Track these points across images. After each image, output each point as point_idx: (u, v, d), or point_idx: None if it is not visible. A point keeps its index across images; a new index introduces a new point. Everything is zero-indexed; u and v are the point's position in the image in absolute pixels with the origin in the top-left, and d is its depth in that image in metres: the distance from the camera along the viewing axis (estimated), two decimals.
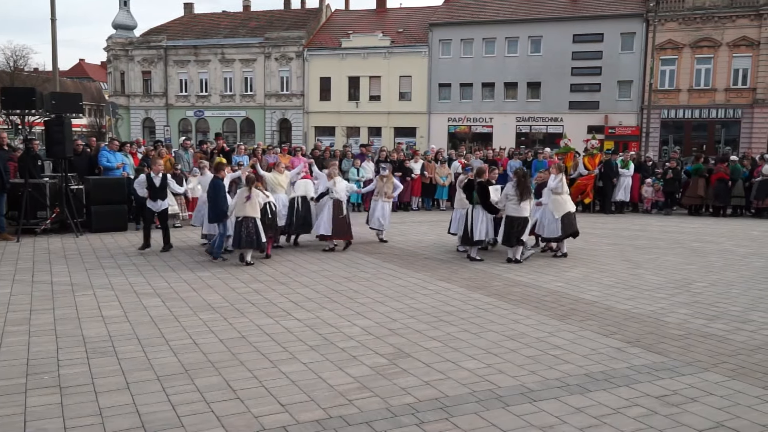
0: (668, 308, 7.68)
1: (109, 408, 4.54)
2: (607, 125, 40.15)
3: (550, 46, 41.32)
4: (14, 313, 7.01)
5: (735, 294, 8.49)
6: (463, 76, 43.41)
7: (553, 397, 4.89)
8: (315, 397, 4.82)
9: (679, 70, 39.20)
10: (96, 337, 6.20)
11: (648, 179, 19.05)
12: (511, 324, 6.90)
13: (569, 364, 5.64)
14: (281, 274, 9.21)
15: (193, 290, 8.22)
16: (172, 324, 6.69)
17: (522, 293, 8.37)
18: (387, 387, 5.05)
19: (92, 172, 14.20)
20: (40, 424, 4.29)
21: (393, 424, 4.38)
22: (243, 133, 49.99)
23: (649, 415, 4.60)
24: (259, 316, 7.04)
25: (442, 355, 5.85)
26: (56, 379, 5.07)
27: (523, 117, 42.56)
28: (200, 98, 50.99)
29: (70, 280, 8.74)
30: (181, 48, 50.83)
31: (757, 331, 6.74)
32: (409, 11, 50.59)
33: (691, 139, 39.46)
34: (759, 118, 37.64)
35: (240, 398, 4.76)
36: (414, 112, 44.91)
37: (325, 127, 47.59)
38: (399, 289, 8.50)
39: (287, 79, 48.65)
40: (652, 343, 6.28)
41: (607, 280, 9.32)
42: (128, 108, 52.19)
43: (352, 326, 6.73)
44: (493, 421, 4.45)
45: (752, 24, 37.48)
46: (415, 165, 18.77)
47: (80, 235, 12.53)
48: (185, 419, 4.39)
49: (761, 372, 5.51)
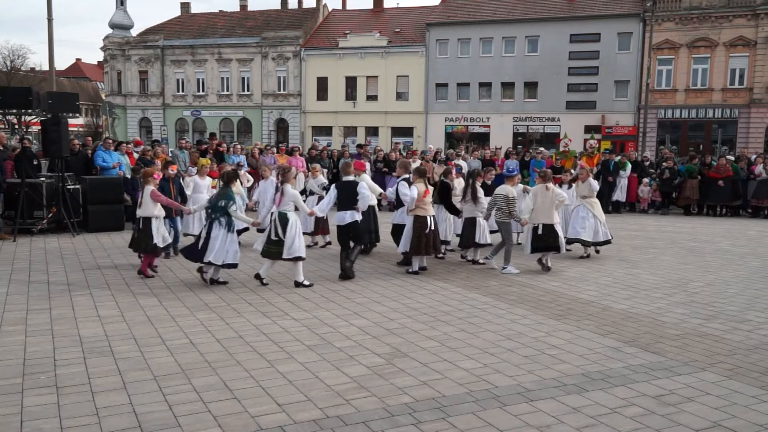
0: (665, 308, 7.70)
1: (105, 408, 4.53)
2: (604, 125, 40.21)
3: (547, 45, 41.36)
4: (11, 313, 6.99)
5: (732, 294, 8.50)
6: (460, 76, 43.44)
7: (550, 397, 4.90)
8: (312, 396, 4.81)
9: (675, 70, 39.28)
10: (93, 336, 6.19)
11: (645, 179, 19.10)
12: (508, 324, 6.91)
13: (566, 364, 5.65)
14: (278, 273, 9.20)
15: (190, 290, 8.21)
16: (169, 324, 6.68)
17: (519, 293, 8.38)
18: (384, 387, 5.05)
19: (89, 172, 14.17)
20: (37, 424, 4.28)
21: (390, 424, 4.38)
22: (240, 132, 49.98)
23: (645, 415, 4.60)
24: (256, 316, 7.03)
25: (439, 354, 5.85)
26: (53, 379, 5.06)
27: (520, 117, 42.62)
28: (197, 98, 50.94)
29: (67, 279, 8.73)
30: (178, 48, 50.77)
31: (754, 331, 6.76)
32: (406, 11, 50.62)
33: (688, 139, 39.56)
34: (755, 118, 37.73)
35: (237, 398, 4.76)
36: (411, 111, 44.94)
37: (322, 126, 47.62)
38: (396, 289, 8.50)
39: (284, 79, 48.64)
40: (649, 343, 6.29)
41: (604, 279, 9.33)
42: (125, 108, 52.17)
43: (349, 326, 6.73)
44: (490, 421, 4.45)
45: (749, 24, 37.56)
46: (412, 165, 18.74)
47: (77, 235, 12.52)
48: (182, 419, 4.38)
49: (758, 372, 5.52)
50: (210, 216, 8.47)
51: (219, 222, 8.36)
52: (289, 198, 8.48)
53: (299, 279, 8.57)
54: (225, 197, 8.47)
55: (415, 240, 9.41)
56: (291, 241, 8.39)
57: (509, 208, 9.78)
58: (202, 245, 8.32)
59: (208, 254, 8.25)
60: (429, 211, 9.53)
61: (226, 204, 8.39)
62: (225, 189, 8.68)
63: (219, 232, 8.32)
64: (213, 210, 8.45)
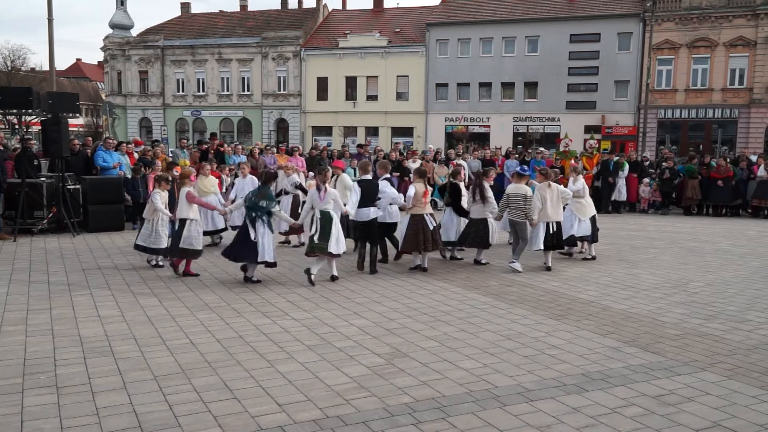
0: (665, 308, 7.70)
1: (105, 408, 4.54)
2: (604, 125, 40.22)
3: (547, 46, 41.38)
4: (11, 313, 6.99)
5: (732, 294, 8.50)
6: (460, 76, 43.46)
7: (550, 397, 4.90)
8: (312, 396, 4.82)
9: (675, 70, 39.29)
10: (93, 336, 6.19)
11: (645, 179, 19.10)
12: (508, 324, 6.91)
13: (566, 364, 5.65)
14: (278, 273, 9.20)
15: (190, 290, 8.22)
16: (169, 324, 6.68)
17: (519, 293, 8.38)
18: (384, 387, 5.05)
19: (89, 172, 14.17)
20: (37, 424, 4.28)
21: (390, 424, 4.38)
22: (240, 132, 50.01)
23: (645, 415, 4.60)
24: (256, 316, 7.04)
25: (439, 354, 5.85)
26: (53, 379, 5.06)
27: (520, 117, 42.63)
28: (197, 98, 50.97)
29: (67, 279, 8.73)
30: (178, 48, 50.79)
31: (754, 331, 6.76)
32: (406, 11, 50.63)
33: (688, 139, 39.56)
34: (755, 118, 37.74)
35: (237, 398, 4.76)
36: (411, 111, 44.95)
37: (322, 126, 47.64)
38: (396, 289, 8.50)
39: (284, 79, 48.66)
40: (649, 343, 6.30)
41: (604, 279, 9.33)
42: (125, 108, 52.18)
43: (349, 326, 6.73)
44: (490, 421, 4.46)
45: (749, 24, 37.57)
46: (412, 165, 18.76)
47: (77, 235, 12.52)
48: (182, 419, 4.38)
49: (758, 372, 5.52)
50: (251, 215, 8.65)
51: (263, 221, 8.62)
52: (330, 197, 8.80)
53: (335, 273, 9.01)
54: (267, 198, 8.71)
55: (410, 237, 9.53)
56: (336, 237, 8.75)
57: (527, 207, 9.72)
58: (249, 246, 8.51)
59: (261, 253, 8.53)
60: (426, 210, 9.65)
61: (268, 205, 8.65)
62: (265, 189, 8.85)
63: (264, 230, 8.60)
64: (254, 209, 8.64)
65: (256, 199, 8.66)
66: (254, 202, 8.65)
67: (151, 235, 9.37)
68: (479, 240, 10.15)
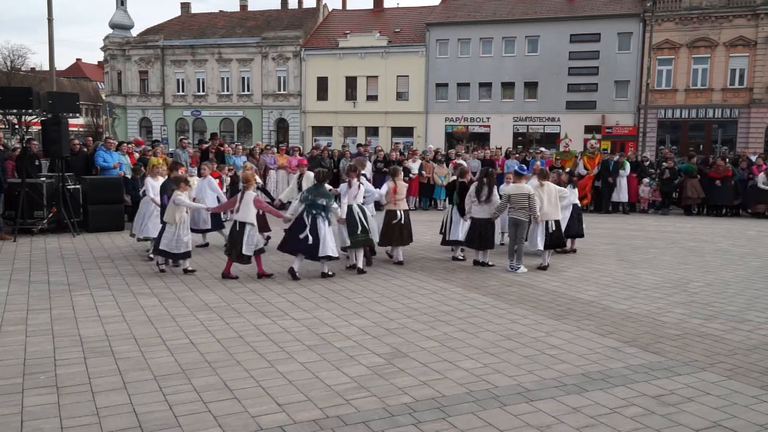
0: (665, 308, 7.70)
1: (105, 408, 4.54)
2: (604, 125, 40.23)
3: (547, 46, 41.39)
4: (11, 313, 6.99)
5: (732, 294, 8.50)
6: (460, 76, 43.47)
7: (550, 397, 4.90)
8: (312, 396, 4.82)
9: (676, 70, 39.30)
10: (93, 336, 6.19)
11: (645, 179, 19.10)
12: (508, 324, 6.91)
13: (566, 364, 5.65)
14: (279, 273, 9.20)
15: (190, 290, 8.22)
16: (169, 324, 6.68)
17: (519, 293, 8.38)
18: (384, 387, 5.05)
19: (89, 172, 14.18)
20: (37, 423, 4.28)
21: (390, 424, 4.38)
22: (240, 133, 50.01)
23: (645, 415, 4.60)
24: (256, 316, 7.04)
25: (439, 354, 5.85)
26: (53, 379, 5.06)
27: (520, 117, 42.64)
28: (197, 98, 50.97)
29: (67, 279, 8.73)
30: (178, 48, 50.79)
31: (754, 331, 6.76)
32: (406, 11, 50.65)
33: (688, 139, 39.55)
34: (755, 118, 37.74)
35: (237, 398, 4.76)
36: (411, 111, 44.95)
37: (322, 126, 47.65)
38: (396, 289, 8.50)
39: (284, 79, 48.67)
40: (649, 343, 6.29)
41: (604, 279, 9.33)
42: (125, 108, 52.18)
43: (349, 326, 6.73)
44: (490, 421, 4.46)
45: (749, 24, 37.58)
46: (413, 165, 18.79)
47: (77, 235, 12.52)
48: (182, 419, 4.38)
49: (758, 372, 5.52)
50: (310, 213, 8.85)
51: (322, 217, 8.86)
52: (362, 193, 9.57)
53: (360, 265, 9.48)
54: (325, 196, 8.95)
55: (384, 230, 10.12)
56: (373, 228, 9.46)
57: (531, 205, 9.77)
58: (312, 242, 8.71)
59: (322, 249, 8.76)
60: (401, 206, 10.22)
61: (328, 203, 8.91)
62: (322, 188, 9.03)
63: (324, 226, 8.86)
64: (313, 207, 8.86)
65: (312, 198, 8.89)
66: (311, 201, 8.88)
67: (173, 240, 9.11)
68: (484, 242, 10.19)
